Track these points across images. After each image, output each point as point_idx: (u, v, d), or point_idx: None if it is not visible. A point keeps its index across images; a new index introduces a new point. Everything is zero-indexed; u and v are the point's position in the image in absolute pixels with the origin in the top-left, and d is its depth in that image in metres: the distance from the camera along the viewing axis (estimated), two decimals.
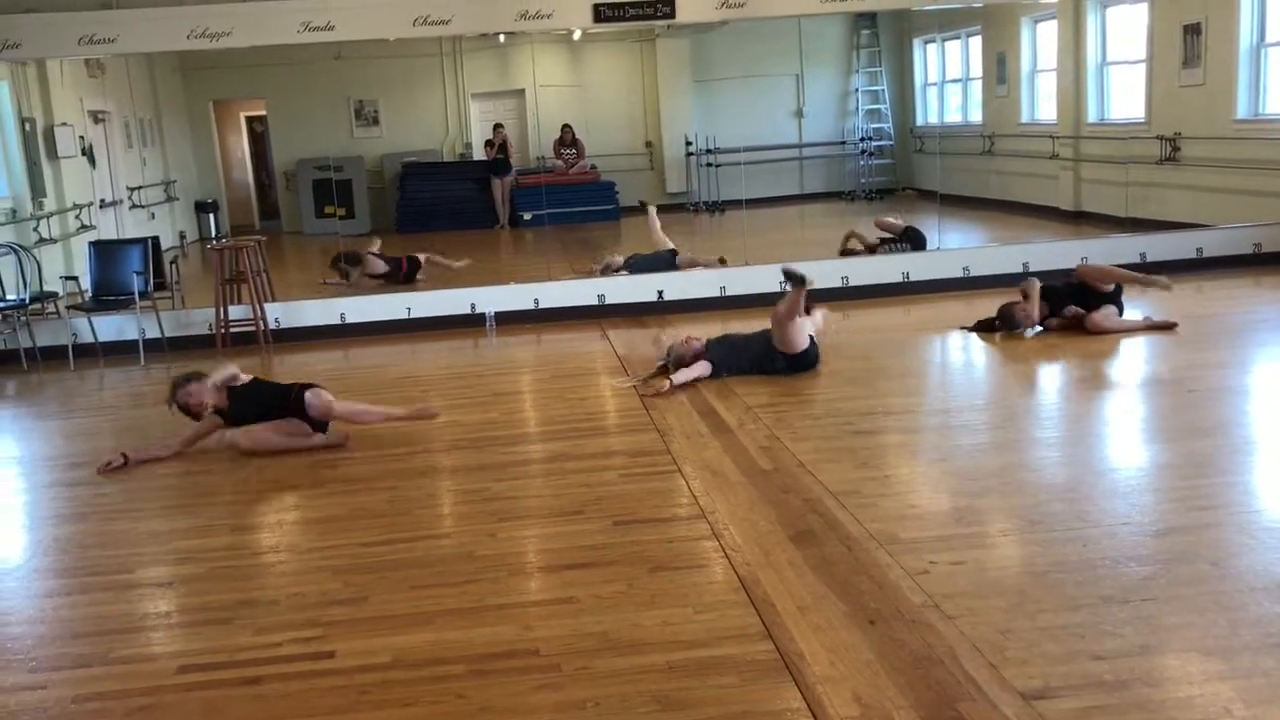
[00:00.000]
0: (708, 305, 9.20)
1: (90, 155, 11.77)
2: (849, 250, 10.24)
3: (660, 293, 9.37)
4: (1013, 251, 9.70)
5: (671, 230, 10.69)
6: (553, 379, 7.43)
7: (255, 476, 5.46)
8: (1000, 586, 3.62)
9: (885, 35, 15.44)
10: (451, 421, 6.35)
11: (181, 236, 14.12)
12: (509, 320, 9.20)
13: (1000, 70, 13.65)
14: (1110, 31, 12.10)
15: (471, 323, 9.20)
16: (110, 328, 8.95)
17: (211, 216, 14.91)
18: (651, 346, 7.51)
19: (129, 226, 12.49)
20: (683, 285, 9.45)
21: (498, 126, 14.88)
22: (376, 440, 5.90)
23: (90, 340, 8.83)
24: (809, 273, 6.45)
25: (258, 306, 8.93)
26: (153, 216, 13.37)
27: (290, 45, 9.31)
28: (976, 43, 14.21)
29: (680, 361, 6.69)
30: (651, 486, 4.89)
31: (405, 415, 5.99)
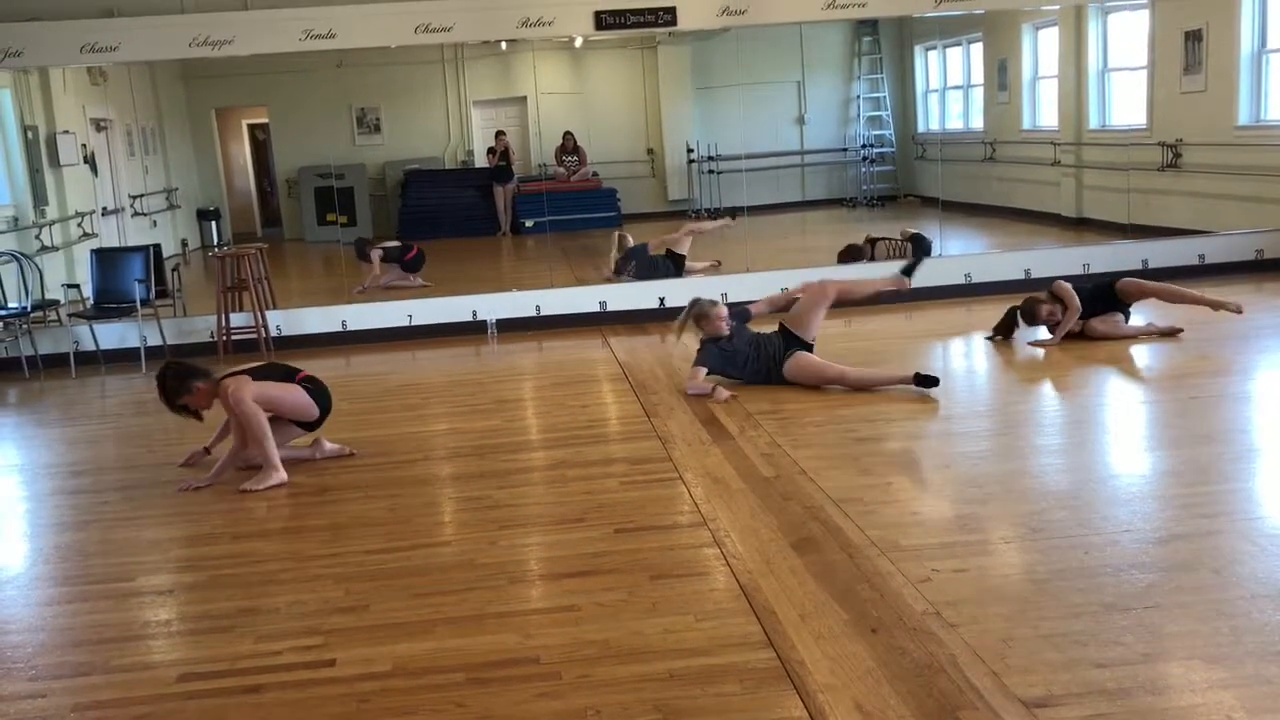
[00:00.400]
0: None
1: (92, 163, 11.78)
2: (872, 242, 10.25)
3: (662, 299, 9.37)
4: (1015, 258, 9.70)
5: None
6: (554, 386, 7.42)
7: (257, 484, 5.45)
8: (1002, 594, 3.61)
9: (886, 42, 15.46)
10: (453, 429, 6.36)
11: (183, 244, 14.12)
12: (510, 327, 9.21)
13: (1001, 77, 13.65)
14: (1111, 38, 12.10)
15: (473, 330, 9.20)
16: (112, 335, 8.96)
17: (213, 224, 14.91)
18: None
19: (131, 234, 12.47)
20: (685, 292, 9.43)
21: (499, 134, 14.90)
22: (378, 448, 5.89)
23: (92, 348, 8.84)
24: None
25: (259, 314, 8.94)
26: (155, 224, 13.37)
27: (292, 53, 9.32)
28: (978, 49, 14.21)
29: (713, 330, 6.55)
30: (653, 494, 4.88)
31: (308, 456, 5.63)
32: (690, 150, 14.90)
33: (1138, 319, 7.41)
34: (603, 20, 9.28)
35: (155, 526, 4.98)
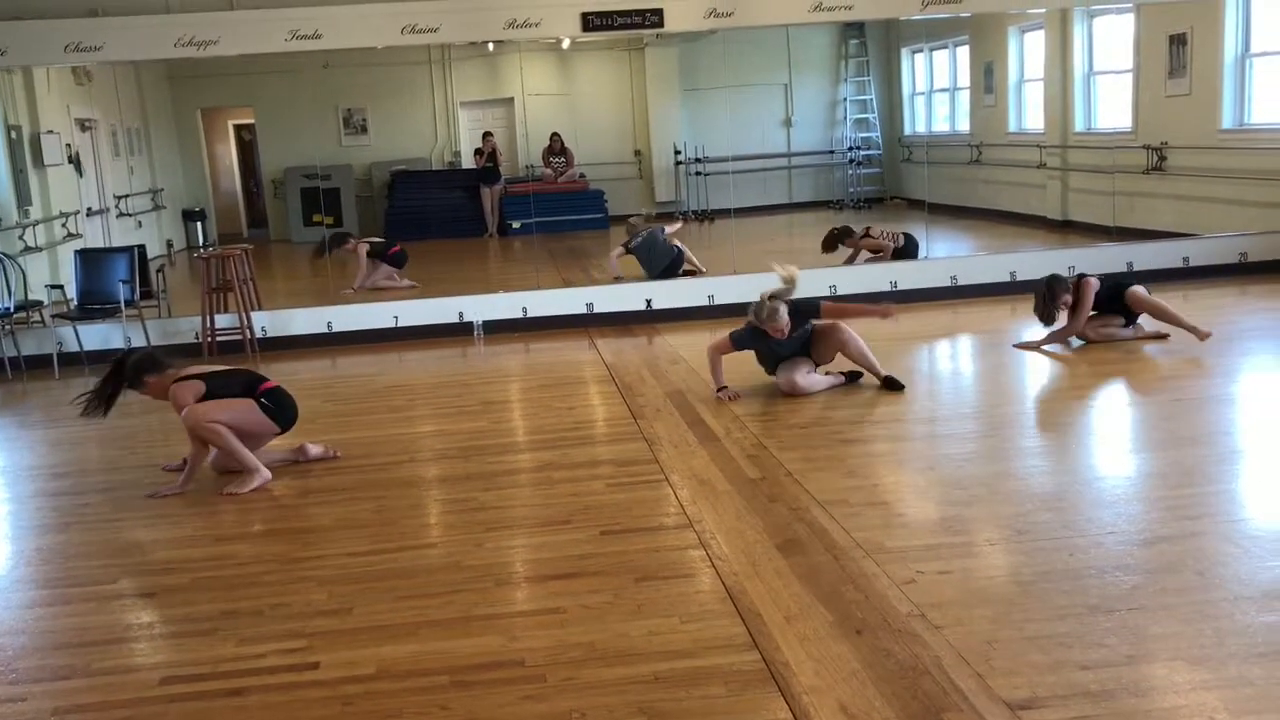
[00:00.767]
0: (696, 314, 9.19)
1: (77, 163, 11.73)
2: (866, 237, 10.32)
3: (649, 301, 9.37)
4: (1000, 261, 9.73)
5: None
6: (541, 388, 7.41)
7: (241, 488, 5.42)
8: (987, 596, 3.61)
9: (873, 45, 15.50)
10: (439, 431, 6.34)
11: (168, 245, 14.06)
12: (497, 329, 9.19)
13: (988, 80, 13.69)
14: (1097, 41, 12.15)
15: (459, 331, 9.18)
16: (96, 336, 8.91)
17: (199, 225, 14.86)
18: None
19: (116, 235, 12.42)
20: (671, 294, 9.45)
21: (487, 135, 14.89)
22: (363, 450, 5.87)
23: (76, 349, 8.78)
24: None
25: (244, 315, 8.90)
26: (140, 225, 13.31)
27: (278, 54, 9.28)
28: (964, 52, 14.25)
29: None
30: (639, 496, 4.87)
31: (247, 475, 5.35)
32: (678, 152, 14.91)
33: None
34: (590, 22, 9.27)
35: (138, 529, 4.95)
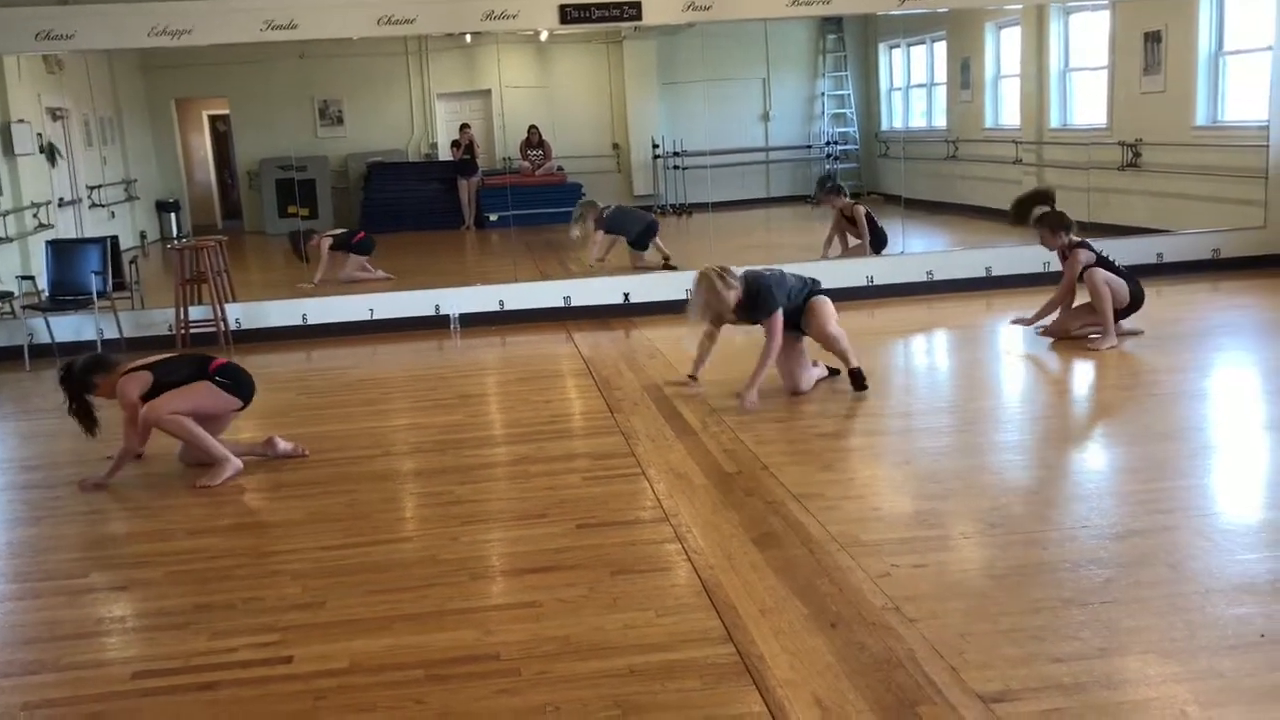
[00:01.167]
0: (673, 308, 9.16)
1: (50, 153, 11.60)
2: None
3: (626, 295, 9.35)
4: (976, 256, 9.76)
5: None
6: (518, 381, 7.39)
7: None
8: (961, 589, 3.63)
9: (851, 40, 15.50)
10: (414, 424, 6.31)
11: (142, 236, 13.93)
12: (474, 322, 9.16)
13: (964, 76, 13.73)
14: (1073, 38, 12.20)
15: (435, 324, 9.14)
16: (67, 328, 8.82)
17: (173, 216, 14.71)
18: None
19: (88, 226, 12.30)
20: (648, 288, 9.44)
21: (464, 127, 14.81)
22: (337, 443, 5.84)
23: (47, 341, 8.69)
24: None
25: (218, 307, 8.84)
26: (113, 216, 13.17)
27: (253, 44, 9.21)
28: (941, 48, 14.28)
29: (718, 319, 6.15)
30: (615, 490, 4.87)
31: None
32: (655, 146, 14.88)
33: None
34: (568, 14, 9.24)
35: (109, 522, 4.91)
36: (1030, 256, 9.27)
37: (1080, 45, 12.12)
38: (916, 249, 10.48)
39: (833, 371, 6.49)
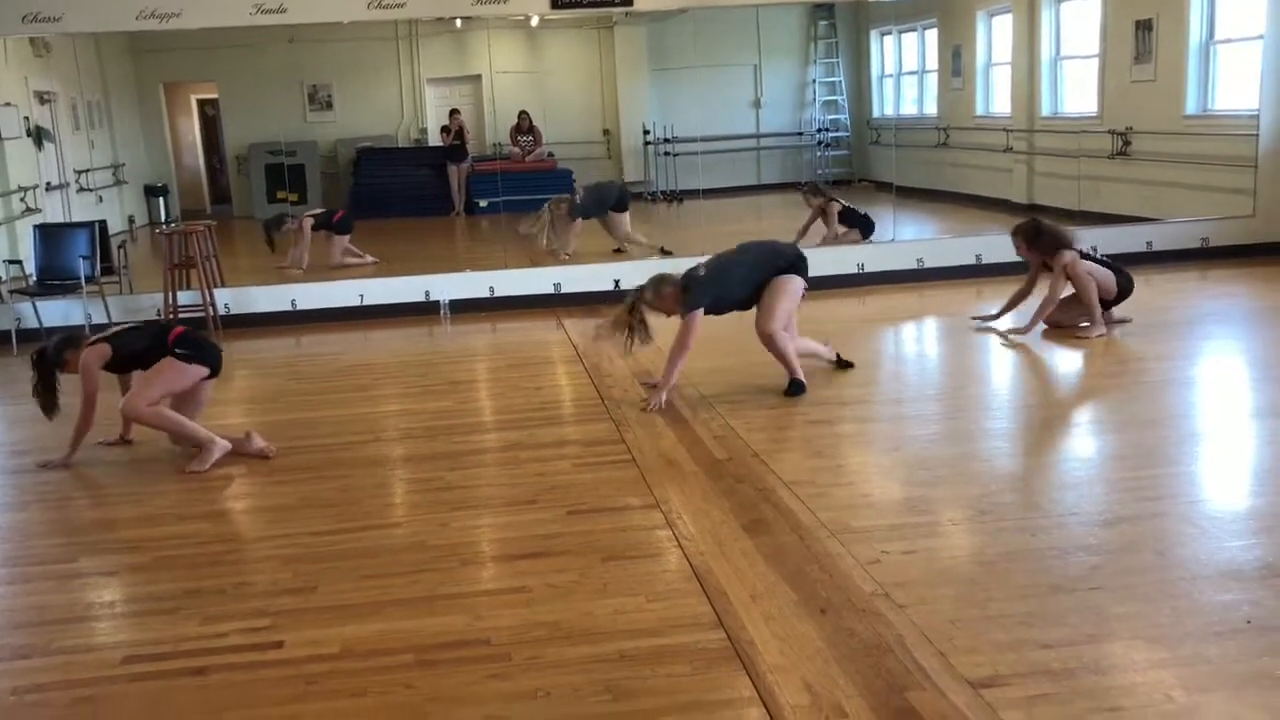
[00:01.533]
0: None
1: (37, 137, 11.53)
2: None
3: (616, 282, 9.33)
4: (967, 244, 9.77)
5: (632, 220, 10.71)
6: (508, 368, 7.39)
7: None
8: (950, 576, 3.65)
9: (842, 26, 15.47)
10: (404, 410, 6.31)
11: (130, 221, 13.87)
12: (464, 308, 9.14)
13: (955, 63, 13.73)
14: (1064, 26, 12.21)
15: (425, 310, 9.13)
16: (55, 313, 8.79)
17: (161, 200, 14.65)
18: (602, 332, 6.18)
19: (76, 210, 12.24)
20: (639, 276, 9.37)
21: (454, 112, 14.76)
22: (328, 429, 5.83)
23: (35, 325, 8.66)
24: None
25: (207, 292, 8.81)
26: (100, 200, 13.11)
27: (242, 28, 9.16)
28: (932, 35, 14.29)
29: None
30: (605, 476, 4.87)
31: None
32: (646, 132, 14.85)
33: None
34: None
35: (99, 507, 4.90)
36: None
37: (1071, 33, 12.13)
38: (907, 236, 10.49)
39: (844, 363, 6.37)
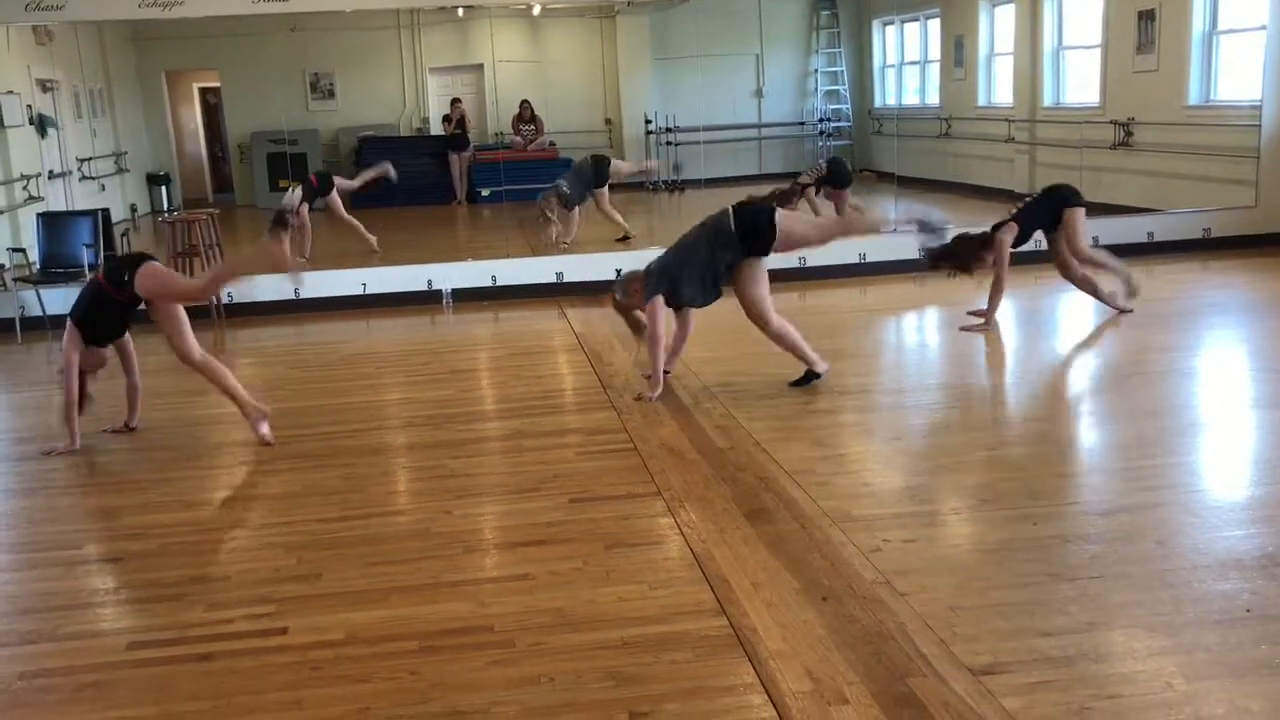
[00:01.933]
0: None
1: (41, 125, 11.54)
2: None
3: (618, 271, 9.30)
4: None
5: (630, 210, 10.72)
6: (510, 356, 7.40)
7: (208, 452, 5.40)
8: (951, 564, 3.67)
9: (845, 16, 15.47)
10: (407, 399, 6.33)
11: (133, 209, 13.88)
12: (466, 297, 9.15)
13: (958, 53, 13.72)
14: (1066, 16, 12.20)
15: (428, 299, 9.13)
16: (59, 300, 8.75)
17: (164, 189, 14.66)
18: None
19: (79, 198, 12.26)
20: (642, 264, 9.40)
21: (456, 101, 14.76)
22: (331, 417, 5.85)
23: (38, 313, 8.67)
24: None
25: None
26: (103, 188, 13.13)
27: (244, 16, 9.16)
28: (935, 25, 14.27)
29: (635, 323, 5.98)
30: (608, 464, 4.89)
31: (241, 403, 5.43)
32: (648, 121, 14.85)
33: (1105, 280, 7.25)
34: None
35: (103, 494, 4.92)
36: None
37: (1074, 23, 12.11)
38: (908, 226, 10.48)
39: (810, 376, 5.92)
